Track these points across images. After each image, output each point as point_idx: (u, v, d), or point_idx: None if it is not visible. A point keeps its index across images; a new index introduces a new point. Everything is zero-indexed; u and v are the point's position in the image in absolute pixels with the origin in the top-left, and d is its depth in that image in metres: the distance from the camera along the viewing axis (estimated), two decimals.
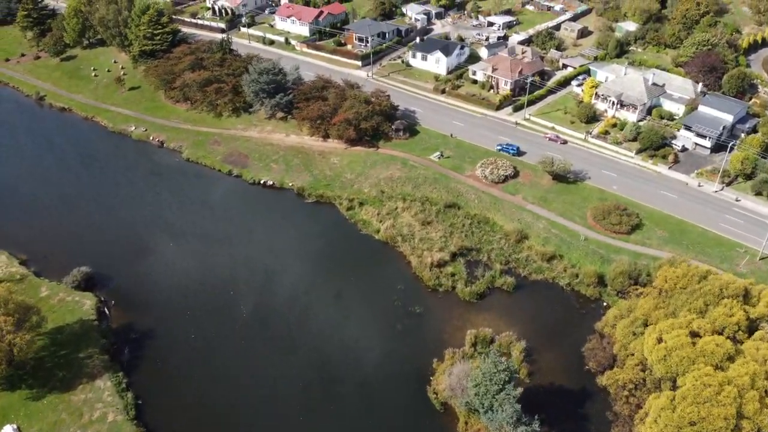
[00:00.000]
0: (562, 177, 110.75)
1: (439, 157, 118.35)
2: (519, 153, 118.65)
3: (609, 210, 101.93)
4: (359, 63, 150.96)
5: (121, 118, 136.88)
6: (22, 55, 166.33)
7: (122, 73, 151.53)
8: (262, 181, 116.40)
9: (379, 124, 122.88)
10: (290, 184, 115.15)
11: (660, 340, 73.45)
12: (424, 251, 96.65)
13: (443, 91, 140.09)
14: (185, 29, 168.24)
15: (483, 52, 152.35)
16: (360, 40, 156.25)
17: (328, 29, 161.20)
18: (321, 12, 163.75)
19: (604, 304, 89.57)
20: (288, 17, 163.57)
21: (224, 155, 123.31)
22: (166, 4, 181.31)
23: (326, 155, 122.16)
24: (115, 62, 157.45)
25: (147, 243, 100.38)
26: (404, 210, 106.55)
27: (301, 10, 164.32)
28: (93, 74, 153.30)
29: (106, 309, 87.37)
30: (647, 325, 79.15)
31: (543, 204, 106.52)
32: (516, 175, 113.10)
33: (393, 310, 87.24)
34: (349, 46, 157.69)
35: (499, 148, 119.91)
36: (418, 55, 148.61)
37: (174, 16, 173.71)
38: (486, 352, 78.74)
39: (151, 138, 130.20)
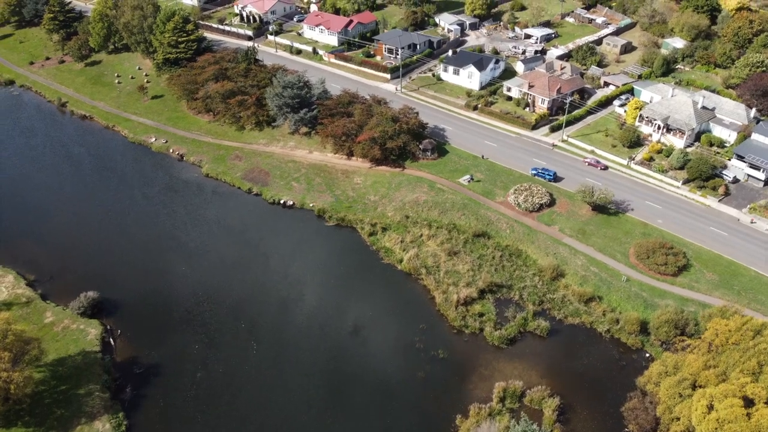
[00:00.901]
0: (602, 208, 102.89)
1: (468, 181, 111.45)
2: (556, 179, 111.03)
3: (653, 248, 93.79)
4: (388, 76, 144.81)
5: (142, 128, 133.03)
6: (47, 58, 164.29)
7: (146, 81, 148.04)
8: (282, 201, 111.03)
9: (406, 143, 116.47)
10: (311, 205, 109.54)
11: (710, 408, 65.79)
12: (449, 286, 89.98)
13: (475, 108, 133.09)
14: (212, 35, 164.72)
15: (519, 67, 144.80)
16: (390, 51, 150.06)
17: (357, 40, 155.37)
18: (350, 21, 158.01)
19: (647, 355, 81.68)
20: (316, 26, 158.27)
21: (245, 171, 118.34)
22: (193, 9, 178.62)
23: (349, 174, 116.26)
24: (139, 69, 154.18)
25: (158, 266, 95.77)
26: (429, 238, 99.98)
27: (330, 18, 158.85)
28: (116, 81, 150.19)
29: (111, 339, 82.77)
30: (695, 387, 71.50)
31: (581, 237, 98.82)
32: (552, 203, 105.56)
33: (414, 353, 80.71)
34: (378, 58, 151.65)
35: (534, 172, 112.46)
36: (450, 68, 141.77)
37: (201, 22, 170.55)
38: (516, 408, 72.05)
39: (171, 150, 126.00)
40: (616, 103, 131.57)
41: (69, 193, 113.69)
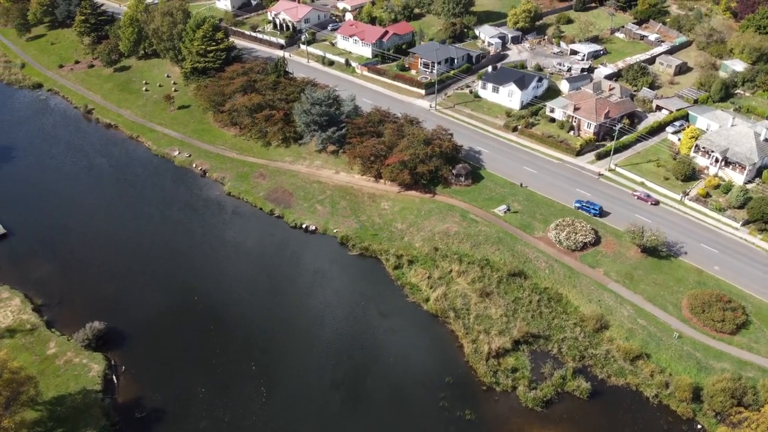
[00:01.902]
0: (652, 249, 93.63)
1: (505, 212, 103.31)
2: (602, 213, 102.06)
3: (709, 301, 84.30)
4: (423, 91, 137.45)
5: (166, 140, 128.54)
6: (77, 62, 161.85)
7: (173, 89, 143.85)
8: (304, 225, 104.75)
9: (438, 167, 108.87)
10: (334, 231, 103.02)
11: None
12: (480, 334, 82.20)
13: (515, 130, 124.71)
14: (243, 43, 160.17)
15: (564, 86, 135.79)
16: (426, 65, 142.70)
17: (391, 53, 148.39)
18: (386, 32, 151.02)
19: (699, 427, 72.58)
20: (350, 36, 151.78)
21: (268, 191, 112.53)
22: (227, 14, 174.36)
23: (376, 199, 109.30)
24: (168, 76, 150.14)
25: (170, 292, 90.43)
26: (460, 275, 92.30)
27: (364, 29, 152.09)
28: (144, 89, 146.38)
29: (114, 376, 77.48)
30: None
31: (628, 283, 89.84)
32: (597, 242, 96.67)
33: (438, 411, 73.17)
34: (413, 72, 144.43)
35: (578, 205, 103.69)
36: (489, 86, 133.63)
37: (233, 28, 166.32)
38: None
39: (194, 165, 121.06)
40: (670, 129, 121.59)
41: (85, 208, 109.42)
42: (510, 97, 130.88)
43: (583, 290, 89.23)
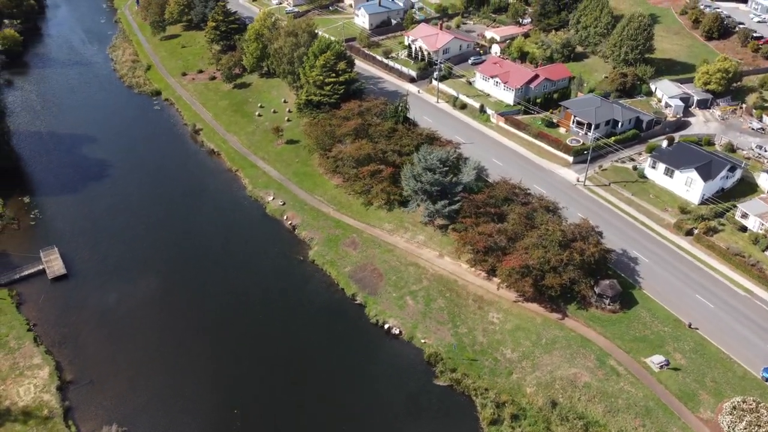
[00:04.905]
0: None
1: (661, 365, 74.87)
2: None
3: None
4: (570, 159, 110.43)
5: (264, 180, 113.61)
6: (200, 71, 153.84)
7: (286, 119, 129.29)
8: (386, 326, 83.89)
9: (574, 280, 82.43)
10: (422, 341, 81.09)
11: None
12: None
13: (689, 233, 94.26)
14: (371, 69, 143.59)
15: (763, 180, 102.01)
16: (579, 125, 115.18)
17: (538, 101, 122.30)
18: (535, 76, 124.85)
19: None
20: (491, 77, 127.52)
21: (355, 267, 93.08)
22: (361, 33, 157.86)
23: (484, 305, 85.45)
24: (284, 102, 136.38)
25: (209, 395, 74.02)
26: None
27: (509, 70, 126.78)
28: (257, 113, 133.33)
29: None
30: None
31: None
32: None
33: None
34: (561, 130, 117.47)
35: (767, 375, 72.62)
36: (661, 165, 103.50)
37: (365, 50, 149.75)
38: None
39: (284, 217, 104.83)
40: None
41: (156, 254, 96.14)
42: (688, 186, 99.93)
43: None
